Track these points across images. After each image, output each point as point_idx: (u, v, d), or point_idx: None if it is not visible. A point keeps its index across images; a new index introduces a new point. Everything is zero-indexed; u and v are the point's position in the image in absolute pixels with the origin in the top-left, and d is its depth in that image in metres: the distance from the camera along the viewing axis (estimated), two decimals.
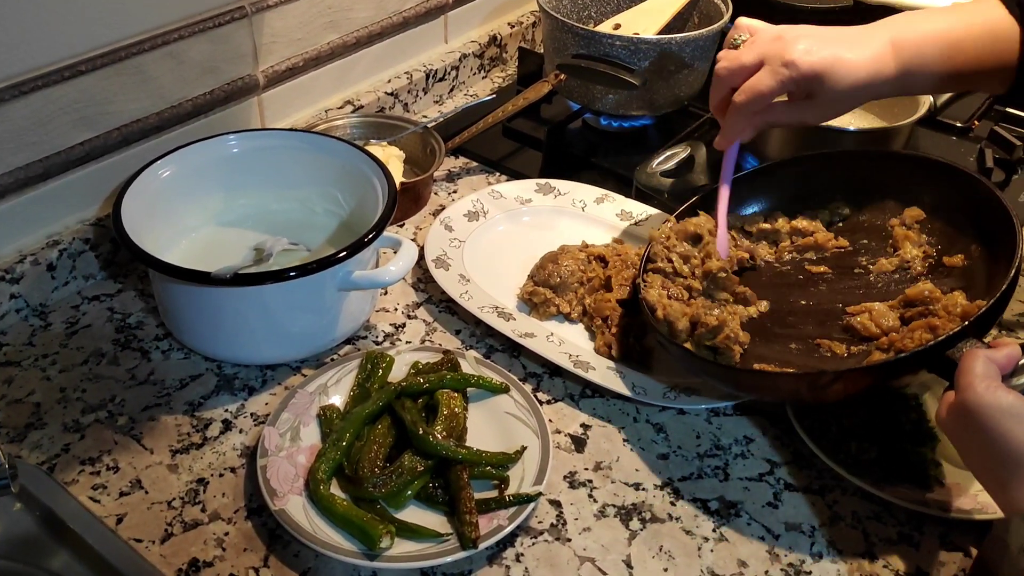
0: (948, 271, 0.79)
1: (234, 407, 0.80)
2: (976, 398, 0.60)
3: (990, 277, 0.74)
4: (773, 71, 0.78)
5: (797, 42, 0.77)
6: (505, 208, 1.02)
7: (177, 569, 0.66)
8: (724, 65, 0.81)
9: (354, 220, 0.91)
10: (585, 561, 0.69)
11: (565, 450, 0.77)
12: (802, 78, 0.77)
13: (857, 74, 0.76)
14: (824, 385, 0.70)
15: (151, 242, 0.78)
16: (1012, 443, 0.58)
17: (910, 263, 0.81)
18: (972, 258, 0.78)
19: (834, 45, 0.77)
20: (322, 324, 0.82)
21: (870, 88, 0.78)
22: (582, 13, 1.24)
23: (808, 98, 0.79)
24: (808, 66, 0.76)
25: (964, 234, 0.80)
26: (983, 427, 0.60)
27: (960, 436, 0.63)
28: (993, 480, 0.60)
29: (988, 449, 0.59)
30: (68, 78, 0.82)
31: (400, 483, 0.70)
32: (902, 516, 0.73)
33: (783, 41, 0.78)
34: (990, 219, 0.76)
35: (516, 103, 1.12)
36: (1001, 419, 0.59)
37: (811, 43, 0.77)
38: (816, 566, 0.69)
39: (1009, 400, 0.59)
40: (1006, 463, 0.58)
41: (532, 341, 0.84)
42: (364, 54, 1.13)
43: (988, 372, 0.62)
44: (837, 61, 0.76)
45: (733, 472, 0.76)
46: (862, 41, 0.78)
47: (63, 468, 0.73)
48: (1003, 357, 0.63)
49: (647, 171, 1.02)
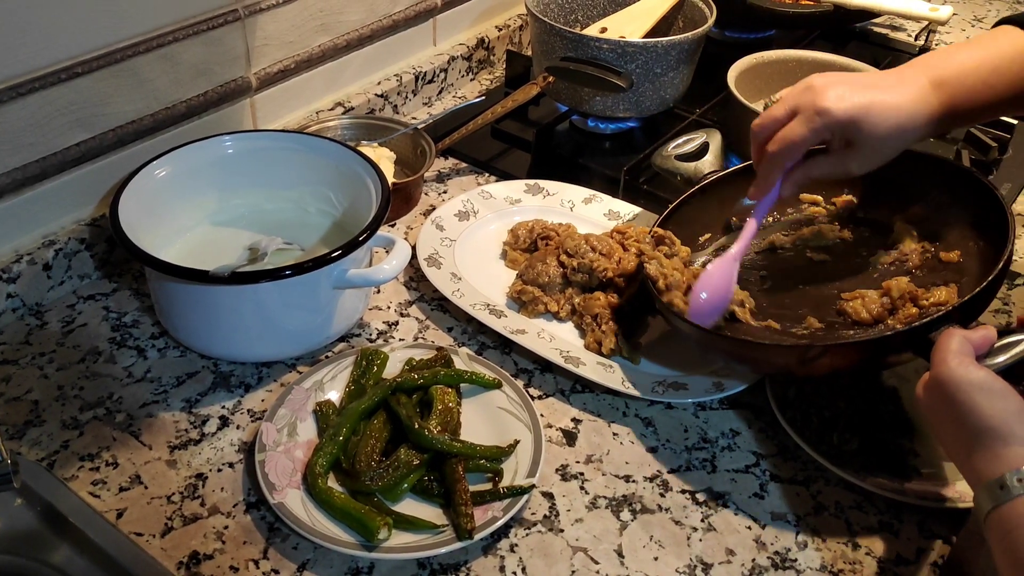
0: (944, 265, 0.82)
1: (231, 404, 0.81)
2: (949, 372, 0.62)
3: (981, 272, 0.77)
4: (806, 119, 0.76)
5: (828, 89, 0.76)
6: (495, 208, 1.03)
7: (178, 562, 0.68)
8: (757, 122, 0.80)
9: (347, 220, 0.92)
10: (578, 551, 0.70)
11: (557, 444, 0.79)
12: (837, 124, 0.75)
13: (897, 115, 0.75)
14: (813, 358, 0.72)
15: (147, 241, 0.80)
16: (980, 415, 0.60)
17: (908, 256, 0.84)
18: (969, 255, 0.81)
19: (869, 90, 0.75)
20: (317, 322, 0.83)
21: (915, 128, 0.76)
22: (569, 17, 1.26)
23: (848, 147, 0.77)
24: (843, 112, 0.74)
25: (963, 232, 0.82)
26: (954, 400, 0.61)
27: (933, 409, 0.64)
28: (961, 451, 0.62)
29: (957, 421, 0.61)
30: (64, 80, 0.83)
31: (396, 476, 0.71)
32: (882, 505, 0.75)
33: (813, 91, 0.76)
34: (988, 217, 0.79)
35: (505, 105, 1.13)
36: (971, 392, 0.61)
37: (844, 90, 0.75)
38: (801, 554, 0.71)
39: (980, 375, 0.61)
40: (973, 433, 0.60)
41: (523, 337, 0.86)
42: (355, 57, 1.15)
43: (963, 349, 0.64)
44: (873, 104, 0.74)
45: (720, 464, 0.78)
46: (899, 82, 0.76)
47: (63, 464, 0.74)
48: (979, 337, 0.66)
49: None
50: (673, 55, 1.10)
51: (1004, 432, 0.59)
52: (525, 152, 1.16)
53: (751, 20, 1.40)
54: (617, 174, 1.07)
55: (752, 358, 0.79)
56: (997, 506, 0.57)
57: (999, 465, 0.58)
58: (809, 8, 1.33)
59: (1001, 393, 0.60)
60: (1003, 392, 0.60)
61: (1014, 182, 1.11)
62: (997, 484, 0.57)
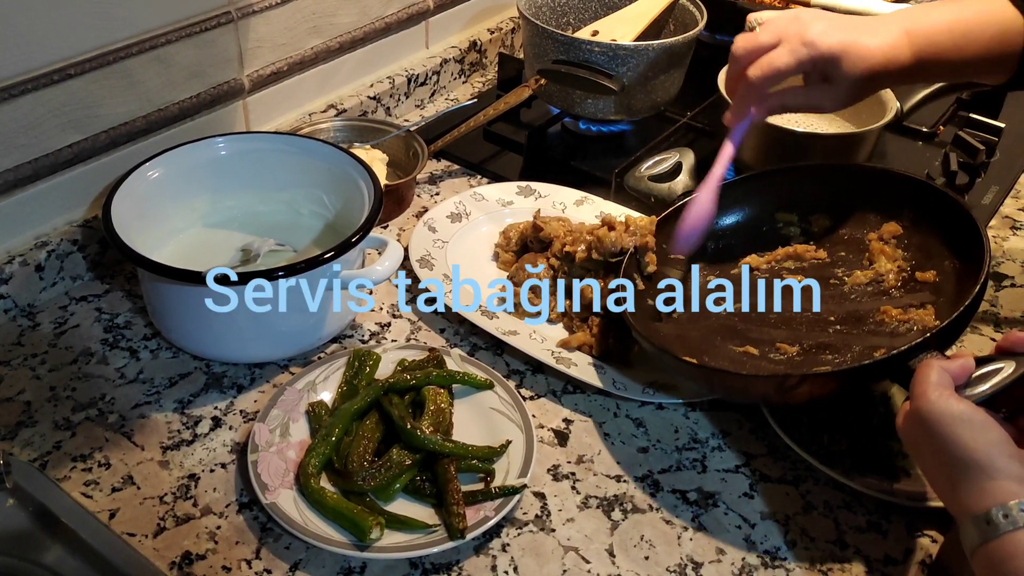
0: (920, 286, 0.81)
1: (223, 404, 0.81)
2: (929, 405, 0.61)
3: (958, 294, 0.76)
4: (791, 48, 0.78)
5: (815, 22, 0.78)
6: (487, 210, 1.04)
7: (171, 562, 0.68)
8: (741, 45, 0.81)
9: (339, 221, 0.93)
10: (569, 550, 0.71)
11: (548, 444, 0.80)
12: (820, 57, 0.77)
13: (874, 58, 0.77)
14: (791, 387, 0.71)
15: (139, 243, 0.80)
16: (961, 448, 0.59)
17: (884, 277, 0.84)
18: (944, 274, 0.80)
19: (850, 30, 0.78)
20: (310, 323, 0.84)
21: (885, 74, 0.78)
22: (561, 20, 1.26)
23: (824, 82, 0.79)
24: (827, 46, 0.77)
25: (938, 251, 0.82)
26: (935, 433, 0.61)
27: (914, 442, 0.64)
28: (944, 484, 0.61)
29: (939, 454, 0.60)
30: (57, 82, 0.84)
31: (389, 476, 0.72)
32: (871, 505, 0.76)
33: (800, 22, 0.79)
34: (963, 238, 0.78)
35: (497, 107, 1.14)
36: (952, 425, 0.60)
37: (828, 25, 0.78)
38: (790, 553, 0.72)
39: (960, 408, 0.60)
40: (956, 467, 0.59)
41: (515, 338, 0.86)
42: (347, 59, 1.15)
43: (942, 381, 0.63)
44: (854, 44, 0.77)
45: (710, 464, 0.79)
46: (877, 28, 0.79)
47: (55, 465, 0.74)
48: (957, 368, 0.64)
49: (635, 175, 1.04)
50: (664, 58, 1.11)
51: (987, 465, 0.58)
52: (517, 154, 1.17)
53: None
54: (608, 176, 1.08)
55: (728, 387, 0.77)
56: (985, 542, 0.56)
57: (985, 500, 0.57)
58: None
59: (983, 425, 0.59)
60: (984, 424, 0.60)
61: (1002, 185, 1.12)
62: (984, 519, 0.57)
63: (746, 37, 0.81)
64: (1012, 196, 1.14)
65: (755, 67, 0.79)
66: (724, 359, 0.80)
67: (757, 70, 0.79)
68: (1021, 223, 1.10)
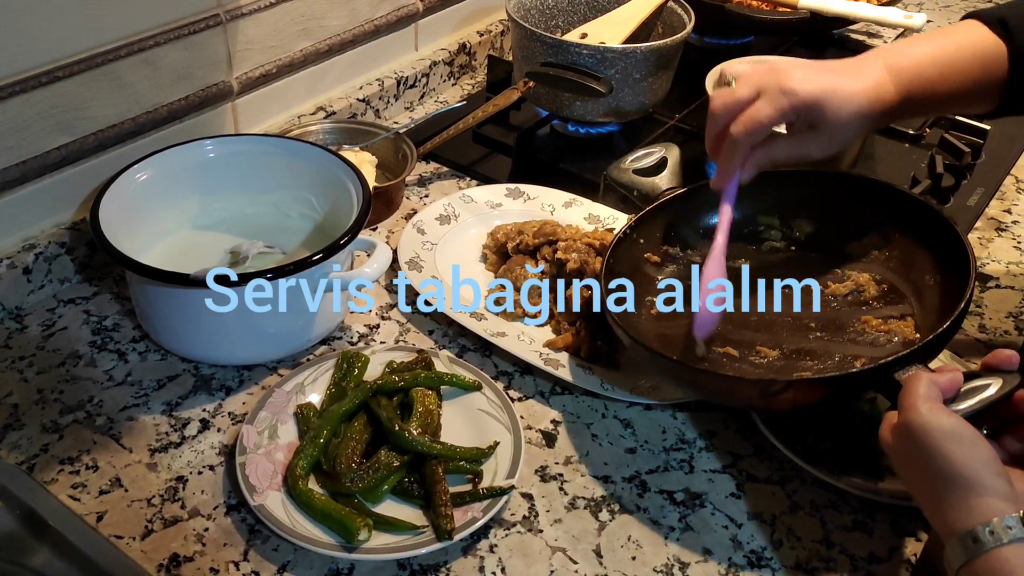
0: (900, 297, 0.81)
1: (212, 407, 0.81)
2: (919, 418, 0.61)
3: (941, 307, 0.76)
4: (771, 100, 0.75)
5: (793, 70, 0.76)
6: (476, 212, 1.04)
7: (158, 564, 0.68)
8: (720, 102, 0.78)
9: (328, 224, 0.93)
10: (556, 551, 0.71)
11: (536, 445, 0.80)
12: (803, 105, 0.75)
13: (859, 100, 0.75)
14: (775, 392, 0.71)
15: (128, 245, 0.80)
16: (951, 463, 0.58)
17: (863, 287, 0.84)
18: (926, 287, 0.80)
19: (830, 74, 0.76)
20: (298, 325, 0.84)
21: (872, 115, 0.77)
22: (550, 22, 1.27)
23: (811, 129, 0.77)
24: (808, 93, 0.75)
25: (921, 263, 0.82)
26: (923, 447, 0.60)
27: (900, 454, 0.63)
28: (930, 498, 0.60)
29: (927, 469, 0.60)
30: (45, 84, 0.84)
31: (377, 478, 0.72)
32: (856, 504, 0.76)
33: (778, 72, 0.76)
34: (946, 251, 0.78)
35: (486, 110, 1.14)
36: (941, 439, 0.59)
37: (807, 72, 0.76)
38: (777, 553, 0.72)
39: (950, 422, 0.60)
40: (944, 482, 0.59)
41: (504, 340, 0.87)
42: (336, 61, 1.15)
43: (931, 394, 0.62)
44: (837, 88, 0.75)
45: (698, 465, 0.79)
46: (859, 69, 0.77)
47: (42, 468, 0.74)
48: (946, 381, 0.64)
49: (619, 167, 1.03)
50: (652, 61, 1.11)
51: (974, 482, 0.57)
52: (506, 156, 1.17)
53: (730, 26, 1.42)
54: (597, 178, 1.08)
55: (711, 389, 0.76)
56: (971, 560, 0.56)
57: (970, 516, 0.57)
58: (787, 15, 1.35)
59: (971, 441, 0.59)
60: (973, 440, 0.59)
61: (987, 187, 1.13)
62: (970, 537, 0.56)
63: (723, 93, 0.78)
64: (997, 198, 1.15)
65: (737, 123, 0.76)
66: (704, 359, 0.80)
67: (740, 126, 0.76)
68: (1006, 224, 1.11)
